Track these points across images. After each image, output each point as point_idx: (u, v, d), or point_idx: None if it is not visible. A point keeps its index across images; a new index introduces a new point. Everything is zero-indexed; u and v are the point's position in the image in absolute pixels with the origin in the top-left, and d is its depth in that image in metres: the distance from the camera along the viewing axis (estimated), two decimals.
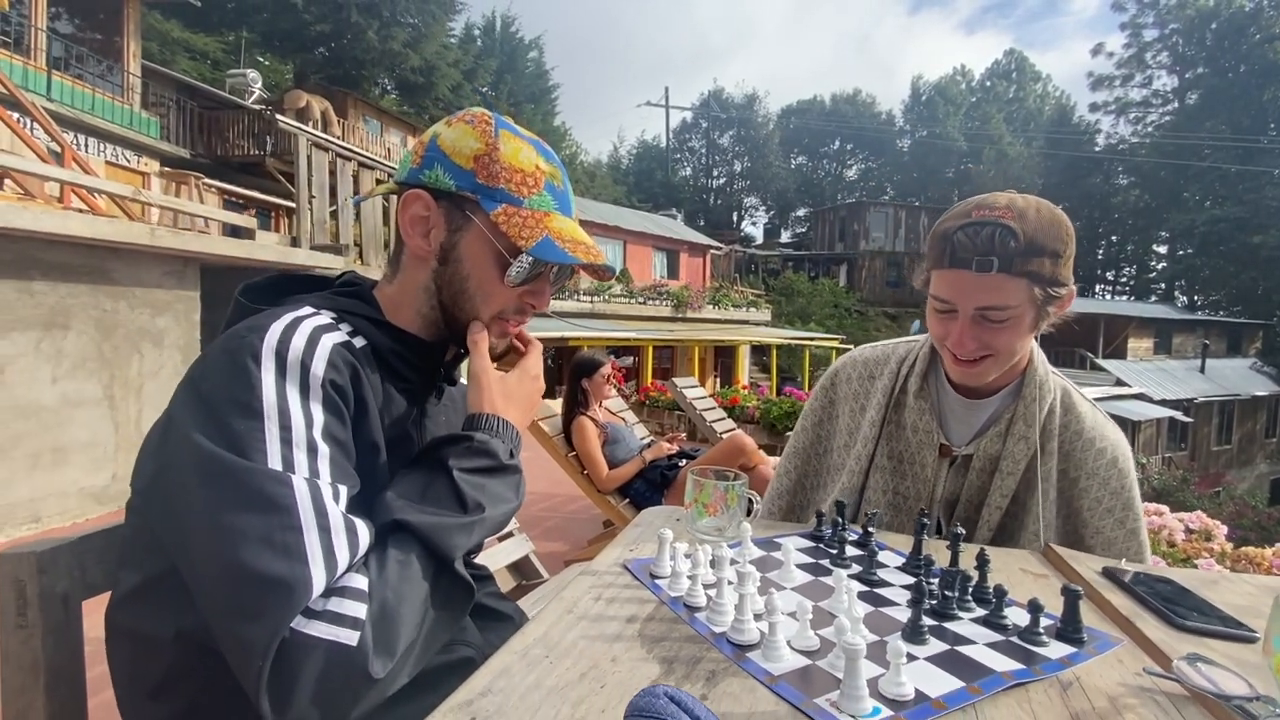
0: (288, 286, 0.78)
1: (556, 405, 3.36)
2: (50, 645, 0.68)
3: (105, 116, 10.70)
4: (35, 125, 6.45)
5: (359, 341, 0.72)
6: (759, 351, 20.86)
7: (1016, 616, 0.71)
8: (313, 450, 0.60)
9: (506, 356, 0.82)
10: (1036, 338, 1.03)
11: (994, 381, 1.04)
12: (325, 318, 0.69)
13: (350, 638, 0.54)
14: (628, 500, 3.09)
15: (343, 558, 0.57)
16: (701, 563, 0.76)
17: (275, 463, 0.57)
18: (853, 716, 0.52)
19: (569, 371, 3.26)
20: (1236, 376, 22.05)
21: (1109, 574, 0.86)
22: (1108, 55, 37.52)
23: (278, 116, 7.63)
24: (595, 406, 3.24)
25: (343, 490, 0.61)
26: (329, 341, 0.66)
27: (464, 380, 0.94)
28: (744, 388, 9.03)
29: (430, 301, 0.77)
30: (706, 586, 0.74)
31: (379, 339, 0.74)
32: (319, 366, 0.63)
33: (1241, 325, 24.91)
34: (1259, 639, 0.69)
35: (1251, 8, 32.24)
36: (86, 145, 10.44)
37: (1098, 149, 38.82)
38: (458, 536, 0.64)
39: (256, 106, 14.37)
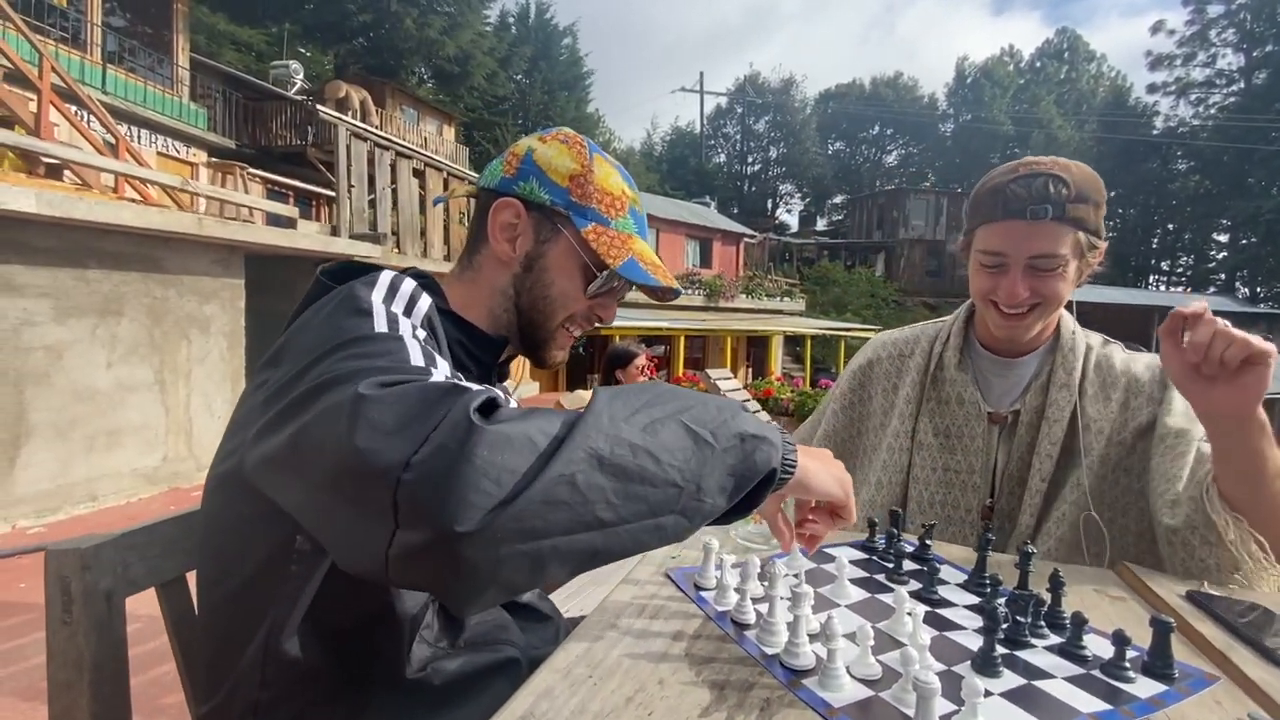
0: (360, 272, 0.78)
1: (589, 395, 3.35)
2: (94, 641, 0.68)
3: (156, 108, 11.06)
4: (92, 118, 6.68)
5: None
6: (792, 342, 20.58)
7: (1095, 646, 0.65)
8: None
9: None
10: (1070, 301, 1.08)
11: (1030, 341, 1.08)
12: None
13: (476, 398, 0.45)
14: None
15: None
16: (751, 575, 0.72)
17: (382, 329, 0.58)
18: None
19: (604, 362, 3.25)
20: None
21: (1193, 599, 0.79)
22: (1168, 33, 35.62)
23: (318, 107, 7.75)
24: None
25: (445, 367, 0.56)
26: (428, 299, 0.71)
27: (509, 383, 0.94)
28: (777, 379, 8.91)
29: (506, 304, 0.81)
30: (755, 601, 0.71)
31: (446, 326, 0.75)
32: (423, 305, 0.68)
33: None
34: None
35: None
36: (139, 137, 10.81)
37: (1155, 132, 37.03)
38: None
39: (298, 97, 14.67)
